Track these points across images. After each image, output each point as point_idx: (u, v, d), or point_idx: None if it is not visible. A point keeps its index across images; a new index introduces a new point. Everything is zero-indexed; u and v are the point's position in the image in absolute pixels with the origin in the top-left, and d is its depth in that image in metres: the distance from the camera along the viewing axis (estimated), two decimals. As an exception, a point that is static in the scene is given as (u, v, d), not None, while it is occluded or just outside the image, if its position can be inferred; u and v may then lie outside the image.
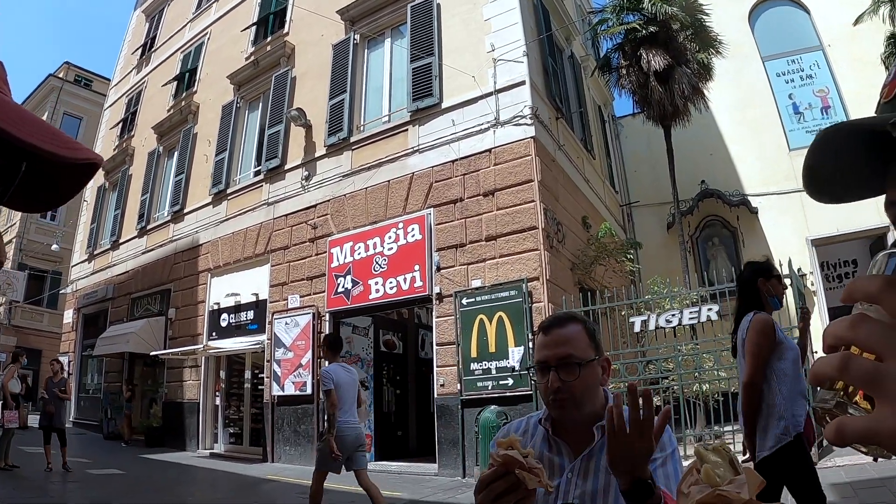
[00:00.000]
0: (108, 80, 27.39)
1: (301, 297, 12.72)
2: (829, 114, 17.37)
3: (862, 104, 16.52)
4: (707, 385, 9.96)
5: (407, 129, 12.05)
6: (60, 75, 34.76)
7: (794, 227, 15.95)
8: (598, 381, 1.70)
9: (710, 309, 9.54)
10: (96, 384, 19.73)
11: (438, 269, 10.83)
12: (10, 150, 0.53)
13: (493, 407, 9.41)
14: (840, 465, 8.05)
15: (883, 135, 0.53)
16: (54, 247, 27.74)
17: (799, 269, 13.07)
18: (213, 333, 14.75)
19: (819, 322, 15.43)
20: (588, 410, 1.67)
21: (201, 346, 14.34)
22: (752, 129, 17.54)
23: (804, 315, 4.71)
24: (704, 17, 14.71)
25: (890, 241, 15.39)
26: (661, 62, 13.23)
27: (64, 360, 20.70)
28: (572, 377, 1.63)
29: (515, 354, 9.68)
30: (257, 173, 14.86)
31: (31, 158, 0.54)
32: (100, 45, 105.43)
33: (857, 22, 15.56)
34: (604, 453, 1.63)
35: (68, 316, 21.83)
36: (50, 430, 10.89)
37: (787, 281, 9.79)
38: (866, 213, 15.30)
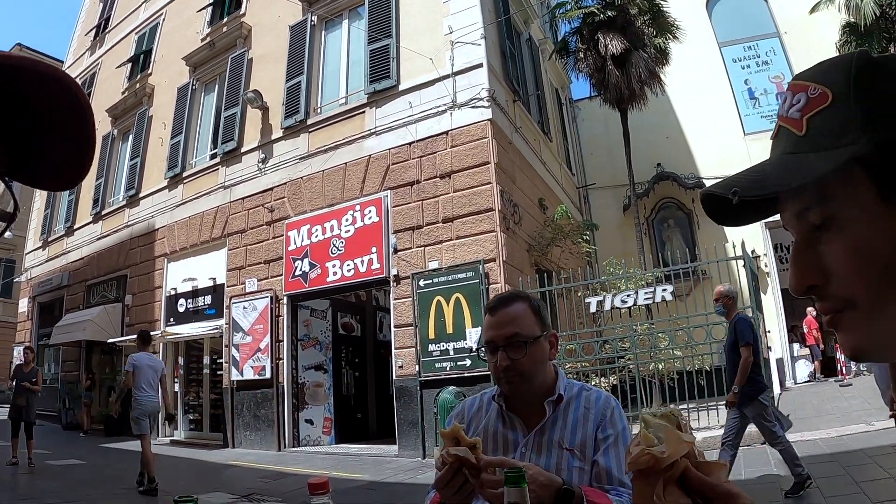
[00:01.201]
0: (61, 62, 26.68)
1: (258, 280, 12.62)
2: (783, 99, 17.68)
3: (817, 91, 16.87)
4: (662, 364, 10.13)
5: (364, 112, 11.98)
6: (12, 57, 33.84)
7: (748, 210, 16.22)
8: (546, 356, 1.73)
9: (664, 290, 9.72)
10: (53, 374, 19.31)
11: (395, 251, 10.83)
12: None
13: (451, 387, 9.49)
14: (792, 441, 8.29)
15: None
16: (7, 233, 27.02)
17: (753, 251, 13.35)
18: (171, 319, 14.56)
19: (772, 303, 15.80)
20: (538, 385, 1.70)
21: (159, 332, 14.15)
22: (708, 114, 17.81)
23: None
24: (662, 2, 14.84)
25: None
26: (618, 46, 13.33)
27: (20, 349, 20.34)
28: (520, 355, 1.66)
29: (473, 335, 9.75)
30: (213, 156, 14.66)
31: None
32: (52, 27, 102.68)
33: (813, 10, 15.83)
34: (556, 428, 1.66)
35: (23, 305, 21.34)
36: (19, 422, 10.28)
37: (741, 262, 10.05)
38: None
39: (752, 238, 13.94)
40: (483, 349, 1.76)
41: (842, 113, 0.57)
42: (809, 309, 15.84)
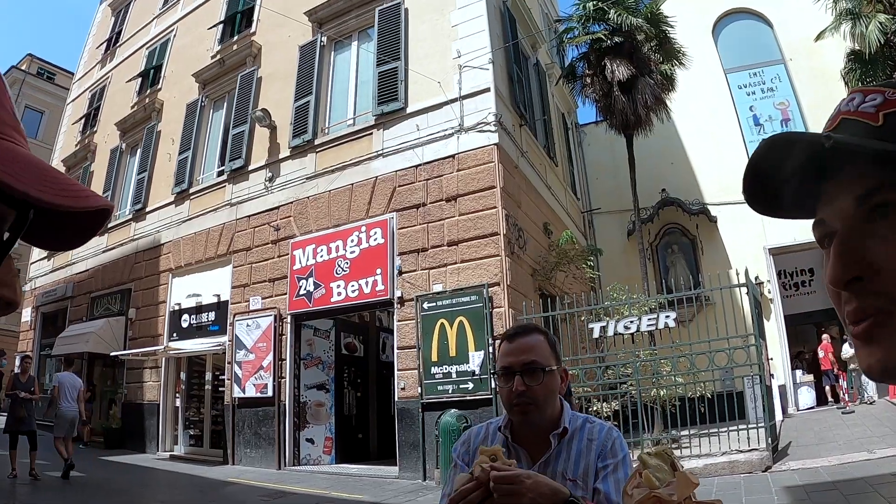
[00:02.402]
0: (72, 73, 26.90)
1: (263, 298, 12.66)
2: (788, 126, 17.79)
3: (821, 118, 16.60)
4: (664, 391, 10.13)
5: (371, 133, 12.07)
6: (23, 67, 34.07)
7: (752, 237, 16.30)
8: (558, 388, 1.78)
9: (667, 316, 9.72)
10: (54, 384, 19.33)
11: (400, 273, 10.87)
12: (17, 198, 0.56)
13: (453, 410, 9.49)
14: (794, 469, 8.30)
15: (820, 154, 0.58)
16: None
17: (756, 278, 13.36)
18: (174, 334, 14.58)
19: (776, 330, 15.80)
20: (547, 416, 1.75)
21: (162, 347, 14.19)
22: (713, 140, 17.90)
23: None
24: (669, 28, 14.93)
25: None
26: (624, 72, 13.40)
27: (19, 358, 20.36)
28: (536, 382, 1.70)
29: (476, 359, 9.77)
30: (221, 173, 14.76)
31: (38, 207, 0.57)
32: (64, 38, 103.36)
33: (818, 37, 15.94)
34: (560, 460, 1.71)
35: (26, 314, 21.37)
36: (18, 434, 10.12)
37: (744, 289, 10.07)
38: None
39: (755, 264, 13.95)
40: (496, 373, 1.81)
41: None
42: (825, 336, 15.88)
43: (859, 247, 0.57)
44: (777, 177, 0.64)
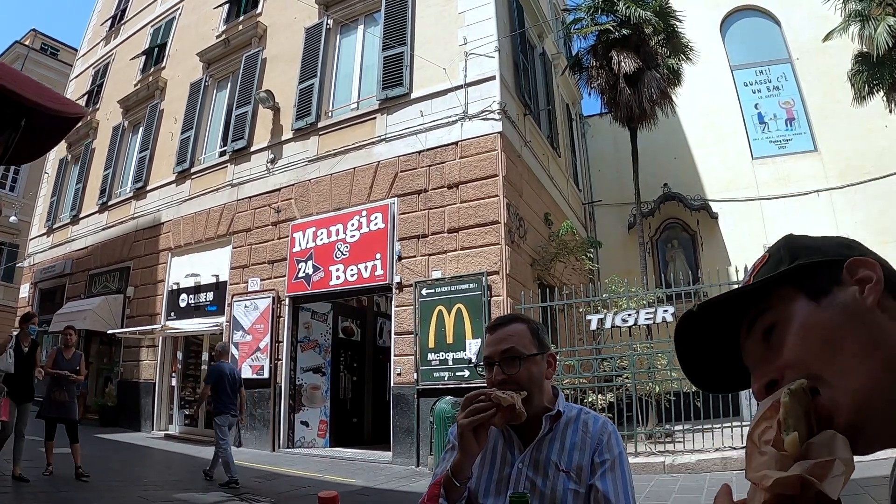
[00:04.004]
0: (76, 50, 26.79)
1: (261, 280, 12.66)
2: (792, 125, 17.76)
3: (826, 118, 16.92)
4: (660, 385, 10.14)
5: (375, 118, 12.03)
6: (27, 42, 33.88)
7: (752, 234, 16.28)
8: (543, 374, 1.77)
9: (665, 311, 9.71)
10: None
11: (400, 258, 10.87)
12: (12, 107, 0.58)
13: (448, 398, 9.48)
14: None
15: (701, 322, 0.80)
16: (12, 219, 27.04)
17: (755, 275, 13.32)
18: (172, 313, 14.59)
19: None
20: (536, 402, 1.73)
21: (159, 326, 14.19)
22: (717, 136, 17.87)
23: None
24: (677, 23, 14.87)
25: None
26: (631, 65, 13.35)
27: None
28: (514, 370, 1.71)
29: (473, 347, 9.77)
30: (223, 153, 14.72)
31: (30, 114, 0.59)
32: (68, 14, 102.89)
33: (826, 38, 15.84)
34: (553, 449, 1.70)
35: (24, 290, 21.38)
36: (56, 422, 8.32)
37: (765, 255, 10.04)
38: (823, 225, 15.70)
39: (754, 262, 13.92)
40: (482, 366, 1.82)
41: (775, 259, 0.78)
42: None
43: (765, 359, 0.74)
44: (707, 364, 0.84)
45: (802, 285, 0.73)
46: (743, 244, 16.33)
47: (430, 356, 10.18)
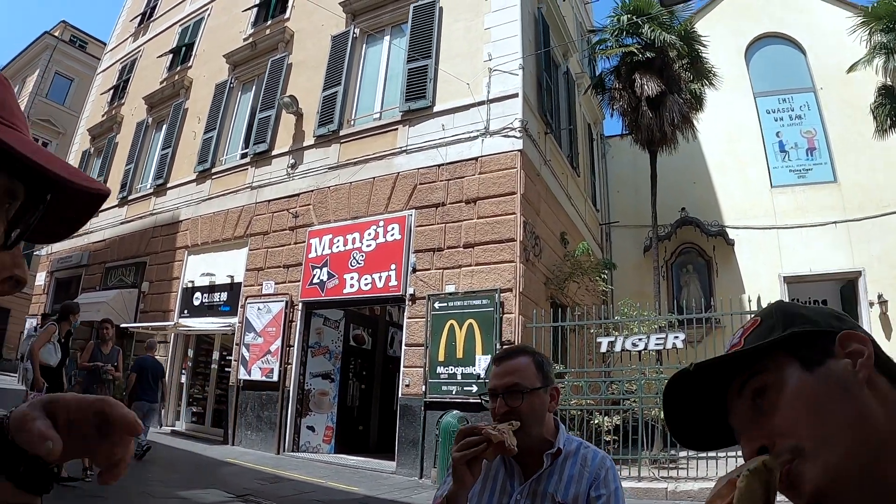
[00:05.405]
0: (104, 44, 27.14)
1: (276, 283, 12.74)
2: (813, 155, 17.69)
3: (847, 150, 16.84)
4: (667, 411, 10.08)
5: (397, 129, 12.11)
6: (56, 34, 34.33)
7: (768, 263, 16.23)
8: (546, 408, 1.83)
9: (676, 336, 9.67)
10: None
11: (414, 270, 10.91)
12: (38, 183, 0.62)
13: (455, 412, 9.52)
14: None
15: (696, 383, 0.82)
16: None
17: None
18: (185, 311, 14.70)
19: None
20: (536, 434, 1.79)
21: (172, 322, 14.31)
22: (737, 163, 17.82)
23: None
24: (701, 48, 14.91)
25: (860, 288, 15.71)
26: (654, 88, 13.38)
27: (32, 322, 20.53)
28: (516, 403, 1.76)
29: (482, 363, 9.78)
30: (244, 156, 14.85)
31: (55, 191, 0.63)
32: (99, 8, 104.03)
33: (851, 69, 15.81)
34: (552, 481, 1.76)
35: (40, 278, 21.59)
36: None
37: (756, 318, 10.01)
38: (839, 257, 15.62)
39: (770, 291, 13.86)
40: (486, 395, 1.88)
41: (768, 325, 0.80)
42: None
43: (755, 424, 0.76)
44: (696, 417, 0.86)
45: (797, 353, 0.76)
46: (758, 272, 16.26)
47: (440, 369, 10.20)
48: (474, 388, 9.77)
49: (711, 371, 0.80)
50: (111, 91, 21.65)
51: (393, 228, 11.29)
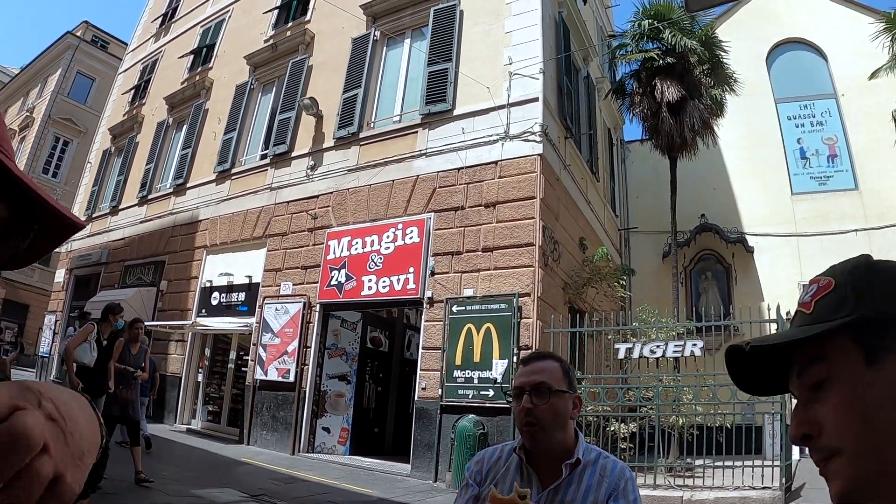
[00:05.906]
0: (126, 44, 27.38)
1: (294, 284, 12.79)
2: (834, 162, 17.53)
3: (868, 157, 16.67)
4: (684, 418, 10.04)
5: (416, 132, 12.12)
6: (78, 34, 34.71)
7: (787, 270, 16.07)
8: (568, 413, 1.83)
9: (694, 344, 9.58)
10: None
11: (432, 273, 10.92)
12: (28, 212, 0.62)
13: (471, 416, 9.51)
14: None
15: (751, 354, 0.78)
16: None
17: (788, 313, 13.17)
18: (203, 310, 14.80)
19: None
20: (558, 441, 1.79)
21: (190, 322, 14.40)
22: (758, 169, 17.68)
23: None
24: (723, 53, 14.81)
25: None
26: (674, 94, 13.31)
27: (51, 318, 20.76)
28: (542, 401, 1.77)
29: (499, 367, 9.77)
30: (263, 157, 14.92)
31: (42, 218, 0.63)
32: (120, 9, 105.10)
33: (872, 76, 15.67)
34: (570, 490, 1.75)
35: (60, 275, 21.82)
36: (116, 421, 7.79)
37: (774, 325, 9.94)
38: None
39: (789, 299, 13.59)
40: (510, 392, 1.88)
41: (840, 295, 0.72)
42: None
43: (808, 412, 0.72)
44: (755, 371, 0.82)
45: (863, 340, 0.69)
46: (777, 279, 16.11)
47: (456, 373, 10.19)
48: (491, 393, 9.75)
49: (769, 351, 0.76)
50: (132, 91, 21.84)
51: (412, 231, 11.30)
